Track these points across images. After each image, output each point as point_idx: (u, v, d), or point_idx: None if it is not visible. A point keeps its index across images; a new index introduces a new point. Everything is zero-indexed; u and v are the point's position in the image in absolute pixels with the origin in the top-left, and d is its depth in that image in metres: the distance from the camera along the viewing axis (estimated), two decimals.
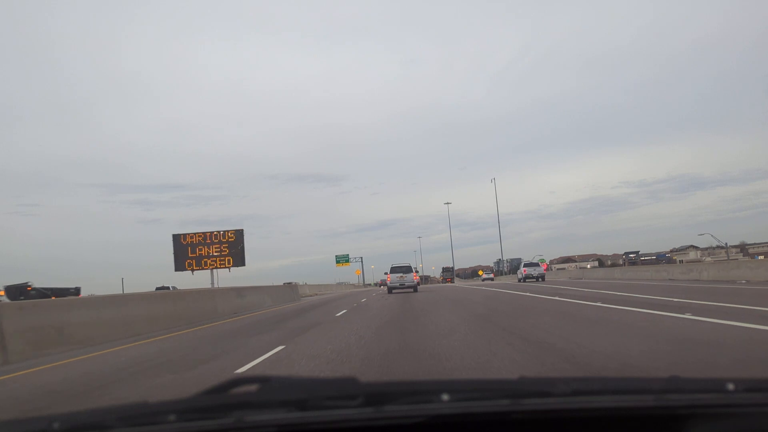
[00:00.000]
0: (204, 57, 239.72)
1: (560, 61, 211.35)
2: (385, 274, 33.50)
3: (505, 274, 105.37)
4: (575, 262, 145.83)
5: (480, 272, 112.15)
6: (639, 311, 10.80)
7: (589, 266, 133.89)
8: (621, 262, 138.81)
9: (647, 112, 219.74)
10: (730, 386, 1.28)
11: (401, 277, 31.47)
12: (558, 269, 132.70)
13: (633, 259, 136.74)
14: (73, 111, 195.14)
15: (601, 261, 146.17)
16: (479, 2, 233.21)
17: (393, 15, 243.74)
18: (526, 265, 48.98)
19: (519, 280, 46.87)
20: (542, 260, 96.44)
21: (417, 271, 34.24)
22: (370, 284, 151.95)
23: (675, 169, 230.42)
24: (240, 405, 1.28)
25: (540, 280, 45.11)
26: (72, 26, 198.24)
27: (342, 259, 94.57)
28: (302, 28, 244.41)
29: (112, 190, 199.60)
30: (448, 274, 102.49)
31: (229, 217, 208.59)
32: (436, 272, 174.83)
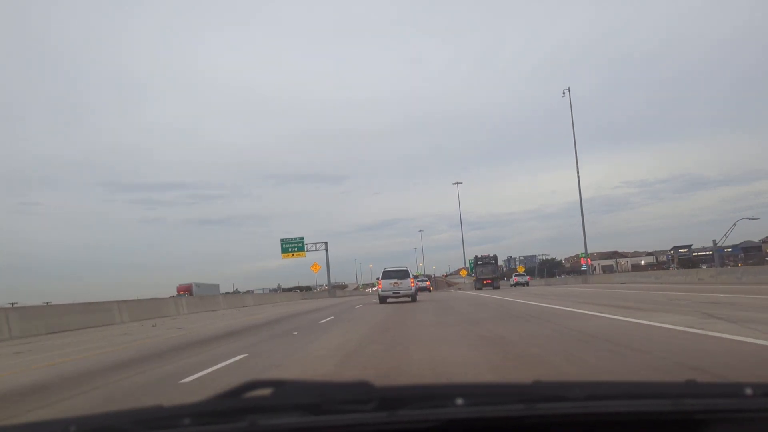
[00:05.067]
0: (208, 57, 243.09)
1: (564, 60, 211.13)
2: (377, 279, 28.23)
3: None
4: (625, 257, 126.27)
5: (520, 269, 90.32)
6: None
7: (643, 262, 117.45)
8: (666, 258, 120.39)
9: (650, 112, 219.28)
10: (748, 391, 1.26)
11: (395, 283, 26.36)
12: (604, 266, 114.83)
13: (684, 254, 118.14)
14: (76, 110, 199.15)
15: (657, 258, 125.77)
16: (484, 1, 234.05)
17: (396, 15, 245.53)
18: (516, 275, 66.55)
19: (511, 286, 60.07)
20: (583, 255, 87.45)
21: (417, 277, 29.85)
22: (358, 287, 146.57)
23: (676, 169, 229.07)
24: (254, 409, 1.29)
25: (525, 285, 57.94)
26: (75, 26, 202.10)
27: (292, 247, 61.02)
28: (305, 28, 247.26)
29: (114, 190, 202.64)
30: (488, 271, 58.23)
31: (231, 216, 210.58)
32: (437, 272, 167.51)
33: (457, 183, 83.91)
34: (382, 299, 26.14)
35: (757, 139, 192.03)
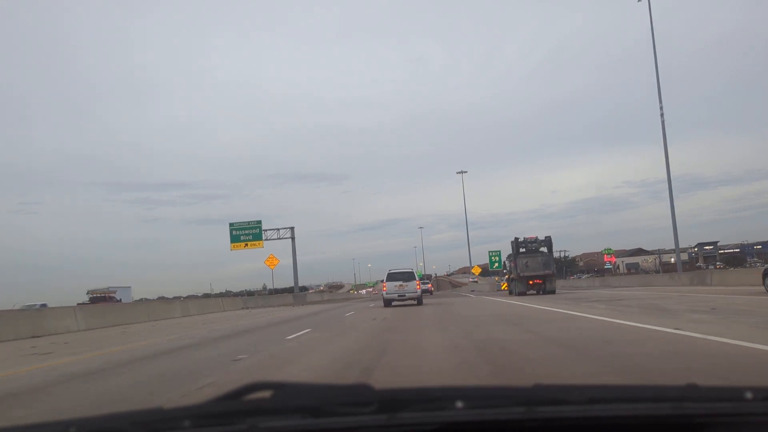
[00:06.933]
0: (210, 57, 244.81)
1: (565, 61, 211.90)
2: (381, 282, 27.71)
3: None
4: (650, 254, 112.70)
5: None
6: None
7: (672, 260, 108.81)
8: (689, 256, 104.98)
9: (650, 112, 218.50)
10: (749, 395, 1.26)
11: (400, 286, 25.36)
12: (628, 263, 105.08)
13: (710, 252, 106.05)
14: (77, 109, 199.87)
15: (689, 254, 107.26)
16: (485, 1, 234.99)
17: (397, 17, 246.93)
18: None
19: (498, 290, 53.15)
20: (608, 251, 79.56)
21: (422, 279, 28.32)
22: (351, 289, 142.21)
23: (677, 169, 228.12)
24: (254, 411, 1.29)
25: None
26: (76, 26, 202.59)
27: (245, 235, 47.55)
28: (306, 28, 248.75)
29: (115, 189, 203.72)
30: (537, 264, 32.91)
31: (231, 216, 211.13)
32: (438, 272, 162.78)
33: (462, 172, 72.90)
34: (387, 302, 25.85)
35: (758, 138, 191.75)
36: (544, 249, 34.36)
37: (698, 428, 1.25)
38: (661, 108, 37.25)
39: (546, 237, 34.40)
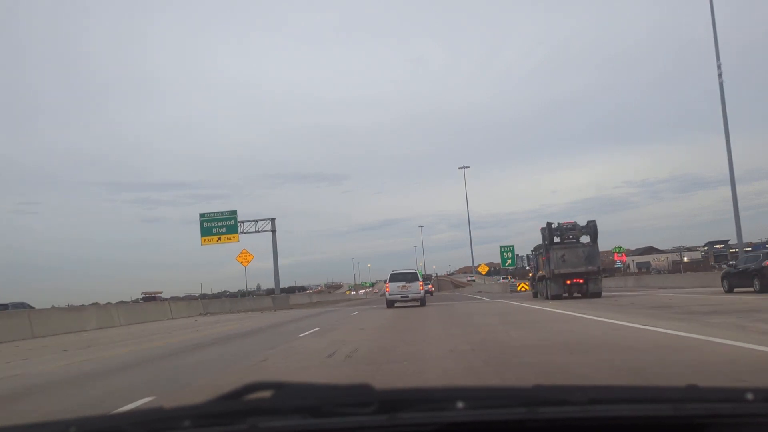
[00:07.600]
0: (210, 57, 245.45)
1: (565, 61, 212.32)
2: (381, 282, 27.98)
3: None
4: (662, 253, 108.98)
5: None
6: None
7: (686, 259, 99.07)
8: (701, 256, 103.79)
9: (651, 112, 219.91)
10: (749, 396, 1.26)
11: (403, 286, 24.75)
12: (639, 262, 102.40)
13: (721, 251, 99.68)
14: (77, 109, 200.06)
15: (702, 253, 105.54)
16: (485, 3, 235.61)
17: (397, 17, 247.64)
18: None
19: (511, 291, 51.74)
20: (619, 249, 78.05)
21: (423, 279, 27.09)
22: (348, 290, 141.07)
23: (677, 168, 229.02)
24: (254, 411, 1.29)
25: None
26: (75, 25, 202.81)
27: (218, 227, 41.33)
28: (307, 29, 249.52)
29: (115, 189, 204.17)
30: (577, 257, 24.12)
31: None
32: (438, 271, 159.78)
33: (464, 167, 67.75)
34: (390, 303, 25.55)
35: (758, 138, 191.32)
36: (586, 238, 25.62)
37: (699, 429, 1.24)
38: (719, 68, 27.94)
39: (589, 222, 25.57)
